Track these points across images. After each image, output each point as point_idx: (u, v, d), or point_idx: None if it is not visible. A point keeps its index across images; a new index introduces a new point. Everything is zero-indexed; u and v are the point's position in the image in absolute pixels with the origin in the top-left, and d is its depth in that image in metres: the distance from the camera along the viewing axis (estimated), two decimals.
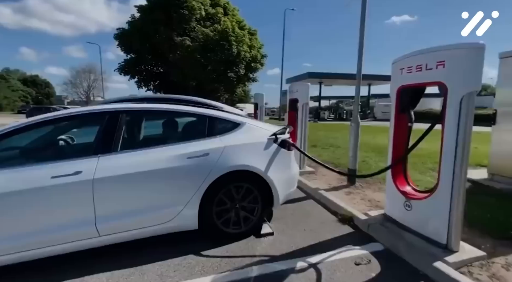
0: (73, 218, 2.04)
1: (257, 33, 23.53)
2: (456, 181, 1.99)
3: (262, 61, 22.94)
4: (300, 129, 5.14)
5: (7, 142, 2.08)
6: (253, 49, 21.53)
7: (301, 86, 5.20)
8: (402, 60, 2.41)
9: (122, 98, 3.22)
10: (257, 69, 22.79)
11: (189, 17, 19.00)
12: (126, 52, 23.18)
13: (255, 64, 21.86)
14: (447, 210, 2.05)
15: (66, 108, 4.76)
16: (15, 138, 2.10)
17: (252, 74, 23.27)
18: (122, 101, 5.10)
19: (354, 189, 3.95)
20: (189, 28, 18.86)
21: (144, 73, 24.15)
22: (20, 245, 1.92)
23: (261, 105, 8.84)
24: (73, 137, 2.89)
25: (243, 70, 20.23)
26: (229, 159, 2.46)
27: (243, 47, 19.39)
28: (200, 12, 18.65)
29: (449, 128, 2.01)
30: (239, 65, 19.78)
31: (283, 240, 2.52)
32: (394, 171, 2.58)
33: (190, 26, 18.92)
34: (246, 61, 20.35)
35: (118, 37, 22.54)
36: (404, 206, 2.42)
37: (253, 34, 23.09)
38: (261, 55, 22.81)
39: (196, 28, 18.65)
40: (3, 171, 1.94)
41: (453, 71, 1.95)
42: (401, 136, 2.56)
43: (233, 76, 19.70)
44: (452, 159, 1.98)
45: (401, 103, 2.51)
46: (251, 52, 21.04)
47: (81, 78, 49.28)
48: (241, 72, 20.10)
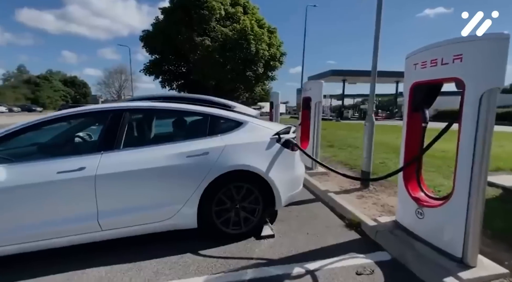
0: (77, 212, 2.13)
1: (277, 31, 23.31)
2: (474, 187, 1.78)
3: (281, 60, 22.69)
4: (312, 128, 4.99)
5: (20, 139, 2.22)
6: (272, 48, 21.35)
7: (314, 84, 5.03)
8: (416, 54, 2.21)
9: (142, 96, 3.34)
10: (276, 67, 22.58)
11: (209, 17, 19.33)
12: (150, 53, 24.16)
13: (274, 63, 21.68)
14: (463, 219, 1.84)
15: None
16: (26, 135, 2.23)
17: (271, 73, 23.11)
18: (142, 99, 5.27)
19: (367, 192, 3.74)
20: (209, 28, 19.18)
21: (167, 73, 25.01)
22: (29, 236, 2.04)
23: (277, 104, 8.74)
24: (90, 134, 3.03)
25: (261, 68, 20.16)
26: (229, 158, 2.43)
27: (261, 45, 19.32)
28: (220, 11, 18.87)
29: (466, 129, 1.80)
30: (258, 64, 19.74)
31: (284, 243, 2.44)
32: (406, 174, 2.39)
33: (210, 26, 19.25)
34: (265, 59, 20.25)
35: (143, 39, 23.55)
36: (416, 214, 2.23)
37: (273, 32, 22.90)
38: (280, 53, 22.56)
39: (216, 28, 18.91)
40: (15, 165, 2.07)
41: (471, 66, 1.74)
42: (414, 137, 2.35)
43: (251, 75, 19.70)
44: (469, 162, 1.77)
45: (414, 101, 2.31)
46: (270, 51, 20.89)
47: (113, 78, 52.76)
48: (260, 71, 20.04)
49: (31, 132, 2.25)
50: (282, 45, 23.53)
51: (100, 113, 2.44)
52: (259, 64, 19.86)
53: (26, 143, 2.43)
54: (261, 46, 19.27)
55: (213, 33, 18.47)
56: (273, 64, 21.65)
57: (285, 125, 2.88)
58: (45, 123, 2.28)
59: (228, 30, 18.83)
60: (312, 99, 5.01)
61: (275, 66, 22.40)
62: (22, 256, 2.09)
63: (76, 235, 2.14)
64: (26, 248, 2.07)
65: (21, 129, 2.19)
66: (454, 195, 1.91)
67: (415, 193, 2.31)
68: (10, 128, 2.17)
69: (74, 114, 2.42)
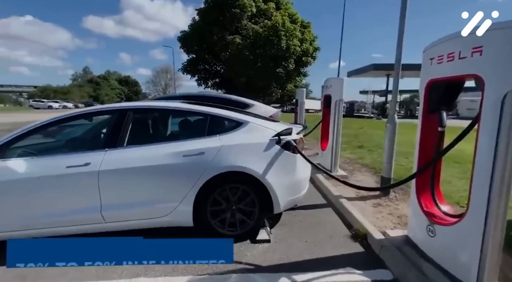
0: (83, 203, 2.32)
1: (311, 25, 22.52)
2: (494, 203, 1.47)
3: (314, 55, 21.89)
4: (332, 128, 4.71)
5: (36, 136, 2.48)
6: (305, 43, 20.69)
7: (335, 81, 4.73)
8: (433, 47, 1.91)
9: (164, 96, 3.52)
10: (309, 63, 21.87)
11: (240, 15, 19.50)
12: (187, 53, 25.37)
13: (307, 58, 21.01)
14: (478, 241, 1.55)
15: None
16: (41, 133, 2.48)
17: (303, 69, 22.47)
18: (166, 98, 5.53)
19: (385, 200, 3.41)
20: (241, 26, 19.36)
21: (203, 72, 26.00)
22: (48, 222, 2.29)
23: (301, 101, 8.46)
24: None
25: (292, 65, 19.68)
26: (225, 159, 2.41)
27: (293, 41, 18.85)
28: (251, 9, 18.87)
29: (484, 135, 1.50)
30: (289, 60, 19.31)
31: (278, 250, 2.35)
32: (419, 185, 2.10)
33: (241, 24, 19.42)
34: (296, 55, 19.73)
35: (180, 40, 24.79)
36: (427, 231, 1.95)
37: (306, 26, 22.18)
38: (313, 48, 21.76)
39: (247, 25, 19.00)
40: (32, 158, 2.32)
41: (492, 60, 1.43)
42: (428, 142, 2.05)
43: (281, 71, 19.36)
44: (487, 173, 1.47)
45: (430, 102, 2.00)
46: (302, 46, 20.27)
47: (159, 77, 57.32)
48: (291, 67, 19.59)
49: (49, 128, 2.49)
50: (316, 39, 22.67)
51: (108, 113, 2.61)
52: (290, 61, 19.42)
53: (43, 138, 2.70)
54: (292, 41, 18.81)
55: (244, 31, 18.60)
56: (305, 60, 21.01)
57: (288, 126, 2.75)
58: (60, 121, 2.52)
59: (258, 27, 18.76)
60: (332, 97, 4.72)
61: (308, 62, 21.70)
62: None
63: (83, 225, 2.34)
64: (44, 233, 2.32)
65: (41, 126, 2.44)
66: (469, 212, 1.61)
67: (428, 207, 2.02)
68: (33, 125, 2.43)
69: (86, 113, 2.63)
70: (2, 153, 2.30)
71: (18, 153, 2.37)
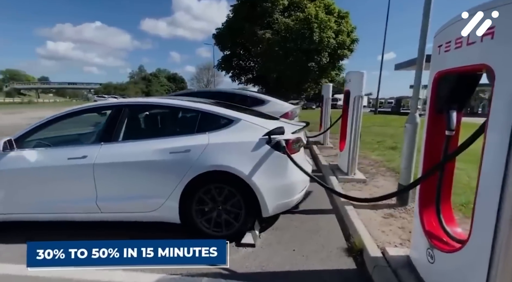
0: (81, 193, 2.47)
1: (349, 15, 21.06)
2: (504, 225, 1.12)
3: (351, 47, 20.44)
4: (350, 126, 4.31)
5: (48, 129, 2.69)
6: (341, 34, 19.41)
7: (354, 75, 4.29)
8: (442, 31, 1.55)
9: (183, 92, 3.61)
10: (345, 56, 20.51)
11: (272, 9, 19.11)
12: (221, 50, 25.88)
13: (342, 51, 19.70)
14: (483, 273, 1.21)
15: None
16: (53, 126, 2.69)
17: (338, 63, 21.19)
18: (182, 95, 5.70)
19: (401, 211, 2.99)
20: (272, 21, 18.99)
21: (236, 68, 26.32)
22: (48, 208, 2.51)
23: (327, 97, 7.96)
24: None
25: (326, 59, 18.64)
26: (210, 157, 2.34)
27: (326, 33, 17.79)
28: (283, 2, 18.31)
29: (493, 136, 1.15)
30: (322, 54, 18.33)
31: (260, 256, 2.21)
32: (421, 198, 1.76)
33: (272, 18, 19.04)
34: (331, 48, 18.62)
35: (215, 37, 25.37)
36: (427, 255, 1.62)
37: (344, 17, 20.79)
38: (351, 40, 20.30)
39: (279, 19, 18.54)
40: (42, 149, 2.55)
41: (506, 45, 1.08)
42: (435, 148, 1.69)
43: (313, 65, 18.48)
44: (497, 186, 1.12)
45: (438, 99, 1.64)
46: (338, 38, 19.05)
47: (202, 74, 60.18)
48: (324, 61, 18.58)
49: (60, 122, 2.69)
50: (354, 30, 21.12)
51: (106, 108, 2.73)
52: (323, 54, 18.42)
53: (51, 132, 2.92)
54: (326, 33, 17.76)
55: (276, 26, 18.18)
56: (341, 53, 19.73)
57: (280, 124, 2.55)
58: (68, 115, 2.70)
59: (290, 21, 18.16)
60: (351, 93, 4.31)
61: (344, 55, 20.36)
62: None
63: (82, 213, 2.52)
64: (52, 218, 2.55)
65: (54, 119, 2.64)
66: (472, 236, 1.28)
67: (430, 226, 1.68)
68: (47, 118, 2.65)
69: (89, 109, 2.79)
70: (19, 144, 2.56)
71: (32, 144, 2.62)
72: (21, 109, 22.79)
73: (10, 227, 2.65)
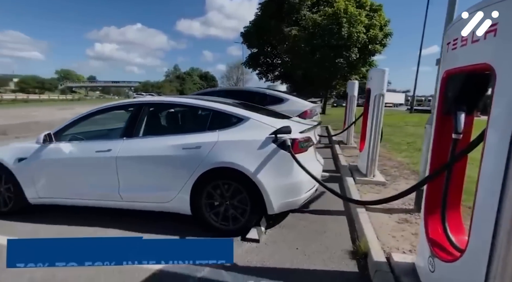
0: (107, 182, 2.75)
1: (382, 8, 19.77)
2: (504, 234, 1.04)
3: (384, 42, 19.18)
4: (370, 126, 4.15)
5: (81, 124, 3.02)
6: (373, 29, 18.32)
7: (375, 73, 4.12)
8: (451, 27, 1.45)
9: (206, 91, 3.82)
10: (377, 51, 19.33)
11: (299, 5, 18.67)
12: (248, 47, 26.03)
13: (374, 46, 18.57)
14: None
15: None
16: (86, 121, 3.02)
17: (369, 58, 20.04)
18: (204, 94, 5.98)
19: (417, 217, 2.83)
20: (299, 17, 18.56)
21: (263, 66, 26.33)
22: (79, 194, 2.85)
23: (352, 95, 7.67)
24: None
25: (355, 54, 17.73)
26: (218, 154, 2.45)
27: (356, 28, 16.89)
28: None
29: (493, 141, 1.08)
30: (351, 49, 17.46)
31: (262, 252, 2.27)
32: (427, 203, 1.68)
33: (300, 14, 18.60)
34: (361, 43, 17.66)
35: (243, 35, 25.58)
36: (428, 263, 1.55)
37: (376, 10, 19.57)
38: (384, 34, 19.06)
39: (306, 15, 18.06)
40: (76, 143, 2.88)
41: (508, 43, 1.00)
42: (442, 151, 1.59)
43: (341, 62, 17.68)
44: (495, 192, 1.04)
45: (446, 100, 1.55)
46: (369, 33, 17.99)
47: (232, 72, 61.42)
48: (353, 57, 17.70)
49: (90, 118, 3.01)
50: (388, 24, 19.79)
51: (128, 106, 2.98)
52: (353, 50, 17.54)
53: (83, 127, 3.26)
54: (356, 28, 16.87)
55: (303, 22, 17.75)
56: (372, 48, 18.63)
57: (289, 123, 2.57)
58: (96, 113, 3.00)
59: (317, 16, 17.57)
60: (371, 91, 4.13)
61: (376, 50, 19.19)
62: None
63: (106, 201, 2.81)
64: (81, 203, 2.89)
65: (85, 116, 2.97)
66: (469, 245, 1.21)
67: (434, 233, 1.60)
68: (80, 115, 2.98)
69: (113, 107, 3.07)
70: (57, 137, 2.91)
71: (67, 138, 2.97)
72: (72, 105, 25.32)
73: (49, 209, 3.04)
